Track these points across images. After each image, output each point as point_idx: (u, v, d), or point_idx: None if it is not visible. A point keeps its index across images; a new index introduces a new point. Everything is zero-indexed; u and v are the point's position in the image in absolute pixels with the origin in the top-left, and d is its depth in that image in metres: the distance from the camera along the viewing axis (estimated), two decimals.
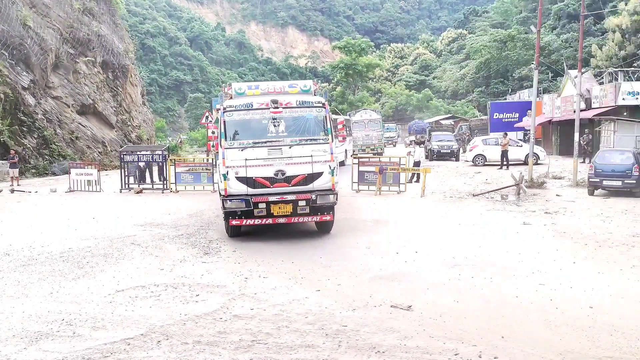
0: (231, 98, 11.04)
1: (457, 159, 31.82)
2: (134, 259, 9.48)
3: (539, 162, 25.82)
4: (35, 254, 9.85)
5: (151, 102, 75.69)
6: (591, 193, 17.03)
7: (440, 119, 54.39)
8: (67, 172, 22.01)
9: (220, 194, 10.59)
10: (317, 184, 10.39)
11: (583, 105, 26.59)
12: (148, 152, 20.95)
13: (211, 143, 9.56)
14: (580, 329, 6.07)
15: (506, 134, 27.00)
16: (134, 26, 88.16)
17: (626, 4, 40.64)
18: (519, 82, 53.85)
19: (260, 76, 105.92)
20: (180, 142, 50.87)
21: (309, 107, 10.62)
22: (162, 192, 19.76)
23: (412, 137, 46.06)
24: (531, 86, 32.79)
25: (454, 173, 24.30)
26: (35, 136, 29.14)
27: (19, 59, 29.28)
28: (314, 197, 10.28)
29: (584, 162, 24.99)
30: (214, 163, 21.24)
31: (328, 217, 10.79)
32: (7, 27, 28.53)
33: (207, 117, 33.27)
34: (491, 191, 17.62)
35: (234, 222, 10.53)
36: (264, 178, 10.22)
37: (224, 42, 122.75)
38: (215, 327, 6.11)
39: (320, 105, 10.69)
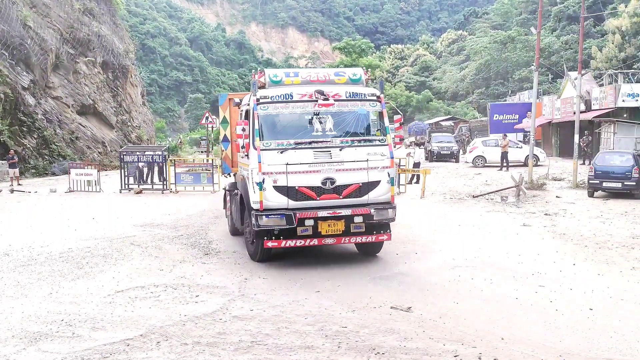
0: (263, 87, 8.83)
1: (457, 160, 31.82)
2: (133, 259, 9.47)
3: (538, 163, 25.83)
4: (34, 254, 9.84)
5: (151, 102, 75.73)
6: (591, 195, 17.03)
7: (440, 120, 54.44)
8: (67, 172, 22.03)
9: (251, 208, 8.58)
10: (372, 196, 8.55)
11: (583, 107, 26.61)
12: (148, 153, 20.97)
13: (240, 143, 8.62)
14: (580, 330, 6.07)
15: (506, 136, 27.01)
16: (134, 26, 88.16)
17: (626, 6, 40.69)
18: (518, 84, 53.89)
19: None
20: (180, 142, 50.91)
21: (361, 100, 8.76)
22: (162, 193, 19.77)
23: (412, 139, 46.13)
24: (531, 88, 32.84)
25: (453, 174, 24.30)
26: (35, 136, 29.15)
27: (19, 59, 29.30)
28: (372, 211, 8.44)
29: (583, 163, 25.00)
30: (214, 164, 21.27)
31: (385, 237, 8.90)
32: (8, 27, 28.54)
33: (207, 118, 33.36)
34: (491, 192, 17.62)
35: (270, 244, 8.45)
36: (309, 188, 8.28)
37: (224, 42, 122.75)
38: (215, 328, 6.10)
39: (375, 98, 8.84)
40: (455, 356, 5.33)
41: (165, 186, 20.08)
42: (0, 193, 19.92)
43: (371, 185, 8.54)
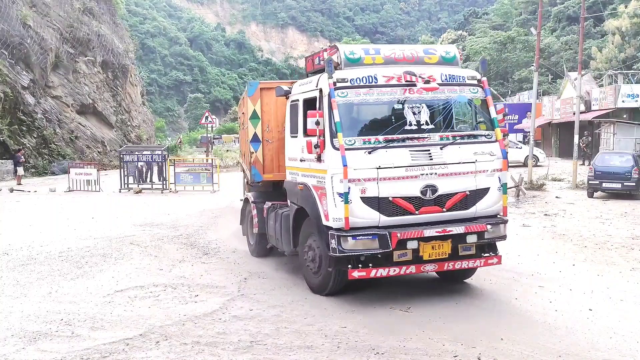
0: (338, 67, 6.92)
1: None
2: (133, 259, 9.46)
3: (538, 164, 25.84)
4: (34, 254, 9.83)
5: (151, 102, 75.75)
6: (590, 195, 17.04)
7: None
8: (67, 172, 22.03)
9: (327, 227, 6.67)
10: (480, 207, 6.87)
11: (583, 108, 26.63)
12: (147, 152, 20.98)
13: (314, 141, 6.57)
14: (580, 331, 6.06)
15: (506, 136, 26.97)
16: (134, 26, 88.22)
17: (626, 7, 40.71)
18: (518, 84, 53.92)
19: (260, 77, 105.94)
20: (180, 142, 50.94)
21: (459, 84, 7.01)
22: (162, 192, 19.77)
23: None
24: (531, 88, 32.86)
25: None
26: (35, 136, 29.15)
27: (18, 59, 29.30)
28: (490, 227, 6.81)
29: (583, 164, 25.01)
30: (213, 164, 21.27)
31: (496, 260, 7.14)
32: (7, 26, 28.54)
33: (206, 117, 33.36)
34: None
35: (356, 274, 6.57)
36: (405, 198, 6.54)
37: (224, 42, 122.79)
38: (215, 328, 6.09)
39: (476, 82, 7.13)
40: (454, 356, 5.33)
41: (164, 186, 20.08)
42: None
43: (479, 194, 6.86)
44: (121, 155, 20.89)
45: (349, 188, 6.35)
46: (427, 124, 6.77)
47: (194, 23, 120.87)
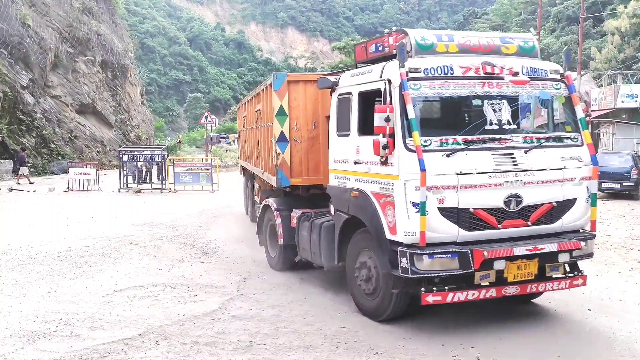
0: (408, 55, 5.87)
1: None
2: (132, 258, 9.47)
3: None
4: (33, 253, 9.83)
5: (150, 101, 75.70)
6: None
7: None
8: (66, 172, 22.04)
9: (394, 243, 5.67)
10: (567, 220, 5.99)
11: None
12: (147, 152, 21.00)
13: (382, 141, 5.50)
14: (579, 331, 6.07)
15: None
16: (133, 26, 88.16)
17: (625, 7, 40.73)
18: None
19: (259, 76, 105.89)
20: (179, 141, 50.94)
21: (541, 79, 6.13)
22: (161, 192, 19.77)
23: None
24: None
25: None
26: (34, 135, 29.15)
27: (18, 58, 29.29)
28: (583, 244, 5.93)
29: None
30: (213, 163, 21.28)
31: (581, 281, 6.23)
32: (7, 25, 28.52)
33: (206, 117, 33.39)
34: None
35: (430, 299, 5.58)
36: (487, 210, 5.62)
37: (224, 42, 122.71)
38: (214, 328, 6.10)
39: (559, 77, 6.25)
40: (453, 356, 5.34)
41: (164, 186, 20.09)
42: None
43: (566, 205, 5.96)
44: (120, 155, 20.90)
45: (427, 197, 5.39)
46: (508, 123, 5.89)
47: (193, 23, 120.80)
